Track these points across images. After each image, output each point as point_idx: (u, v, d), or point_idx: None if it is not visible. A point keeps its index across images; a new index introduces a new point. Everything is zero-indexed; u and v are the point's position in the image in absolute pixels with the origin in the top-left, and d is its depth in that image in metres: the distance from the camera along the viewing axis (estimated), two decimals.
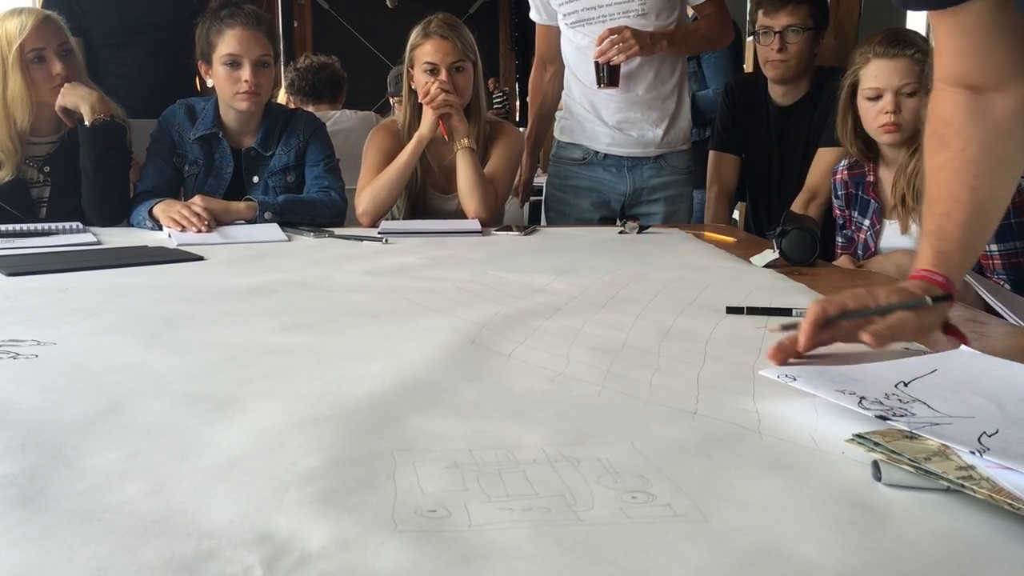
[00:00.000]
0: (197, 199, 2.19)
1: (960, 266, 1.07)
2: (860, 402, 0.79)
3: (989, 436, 0.70)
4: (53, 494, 0.65)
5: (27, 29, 2.19)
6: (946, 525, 0.61)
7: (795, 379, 0.86)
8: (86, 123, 2.24)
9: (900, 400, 0.78)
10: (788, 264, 1.69)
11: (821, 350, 1.01)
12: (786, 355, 0.99)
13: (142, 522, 0.61)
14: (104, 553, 0.56)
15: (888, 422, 0.75)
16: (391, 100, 4.41)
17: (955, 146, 1.08)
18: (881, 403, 0.78)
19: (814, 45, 2.52)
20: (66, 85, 2.24)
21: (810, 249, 1.72)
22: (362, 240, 2.03)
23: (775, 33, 2.48)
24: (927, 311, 1.01)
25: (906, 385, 0.81)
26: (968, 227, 1.06)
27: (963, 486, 0.63)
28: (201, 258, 1.78)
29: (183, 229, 2.10)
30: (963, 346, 0.94)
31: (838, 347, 1.01)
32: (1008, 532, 0.60)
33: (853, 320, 1.00)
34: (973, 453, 0.67)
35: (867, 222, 2.07)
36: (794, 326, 1.00)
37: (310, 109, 3.45)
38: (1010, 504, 0.59)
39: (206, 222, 2.11)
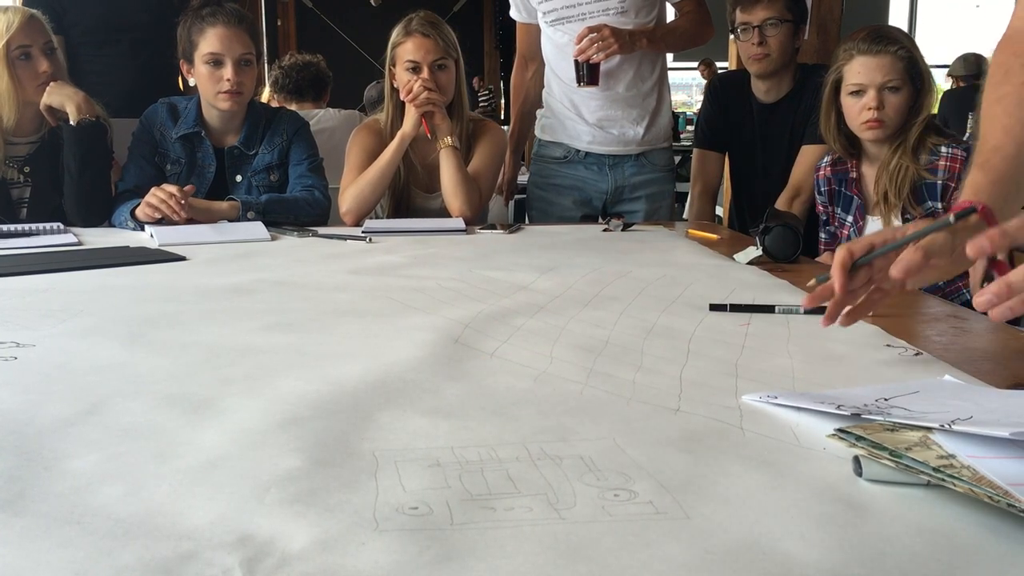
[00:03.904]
0: (165, 187, 2.15)
1: (1002, 196, 1.01)
2: (838, 408, 0.80)
3: (962, 420, 0.71)
4: (31, 497, 0.65)
5: (14, 26, 2.17)
6: (926, 519, 0.62)
7: (776, 397, 0.86)
8: (72, 123, 2.22)
9: (879, 407, 0.79)
10: (771, 261, 1.70)
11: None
12: (821, 299, 0.98)
13: (121, 524, 0.60)
14: (82, 556, 0.56)
15: (863, 418, 0.76)
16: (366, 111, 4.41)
17: (1017, 77, 1.05)
18: (858, 407, 0.79)
19: (794, 39, 2.52)
20: (52, 84, 2.22)
21: (793, 246, 1.72)
22: (346, 239, 2.02)
23: (754, 28, 2.48)
24: (961, 231, 0.96)
25: (886, 400, 0.82)
26: (1016, 160, 1.01)
27: (943, 477, 0.63)
28: (183, 258, 1.77)
29: (161, 217, 2.09)
30: (947, 375, 0.94)
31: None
32: (987, 526, 0.60)
33: (885, 257, 0.97)
34: (942, 427, 0.69)
35: (850, 218, 2.08)
36: (828, 278, 0.99)
37: (294, 107, 3.43)
38: (989, 497, 0.60)
39: (181, 201, 2.10)
